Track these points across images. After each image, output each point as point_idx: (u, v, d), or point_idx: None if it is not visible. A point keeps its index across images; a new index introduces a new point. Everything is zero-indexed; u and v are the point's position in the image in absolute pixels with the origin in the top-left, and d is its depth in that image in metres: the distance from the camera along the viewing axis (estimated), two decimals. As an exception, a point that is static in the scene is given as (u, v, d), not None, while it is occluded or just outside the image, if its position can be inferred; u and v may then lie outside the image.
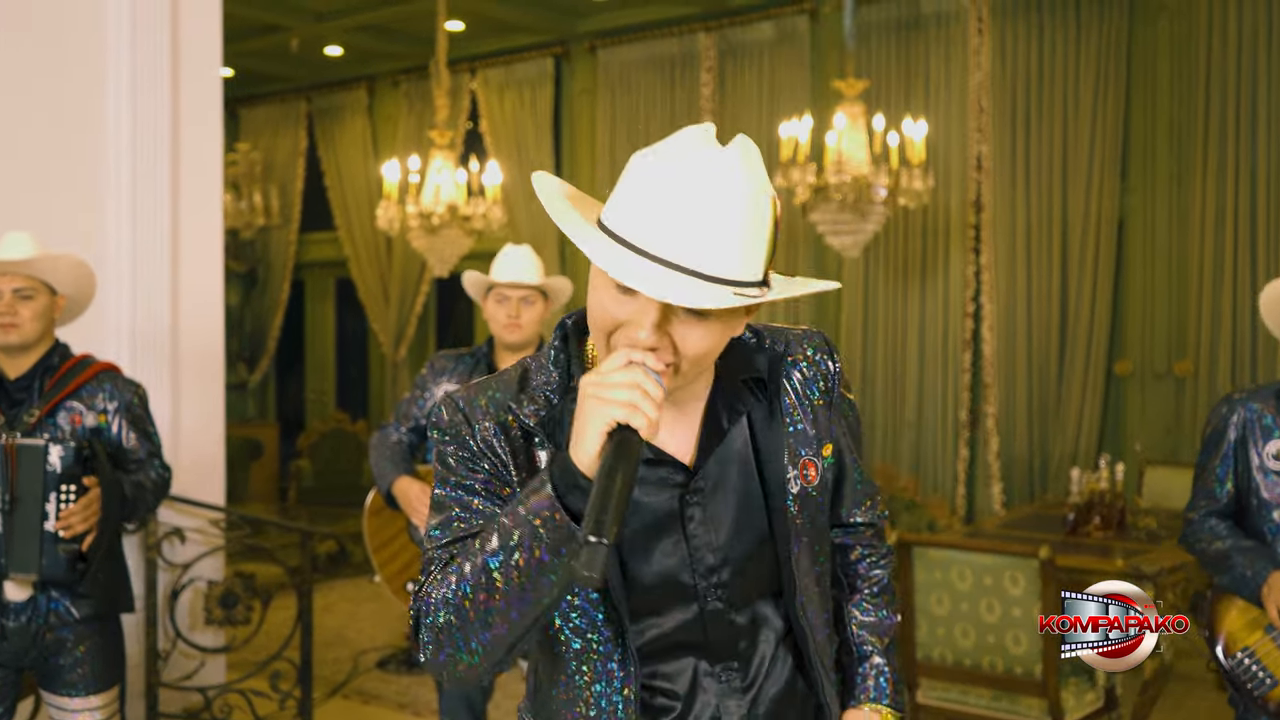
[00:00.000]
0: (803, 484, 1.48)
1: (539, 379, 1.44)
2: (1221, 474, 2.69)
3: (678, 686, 1.45)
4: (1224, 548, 2.62)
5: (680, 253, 1.28)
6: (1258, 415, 2.64)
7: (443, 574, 1.36)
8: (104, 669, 2.97)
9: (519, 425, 1.41)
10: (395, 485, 3.23)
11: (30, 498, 2.77)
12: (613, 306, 1.33)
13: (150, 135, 4.39)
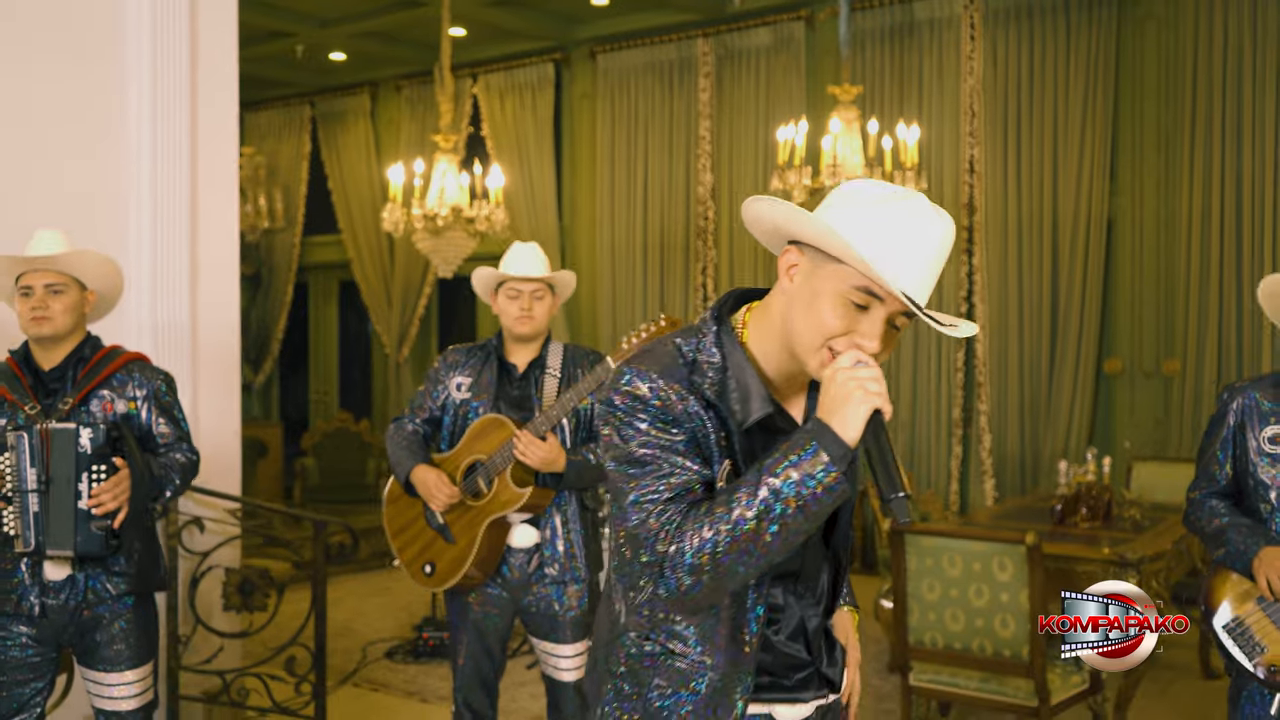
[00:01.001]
0: None
1: (703, 358, 1.72)
2: (1221, 457, 2.85)
3: (780, 602, 1.80)
4: (1222, 525, 2.78)
5: (919, 288, 1.64)
6: (1256, 402, 2.79)
7: (698, 523, 1.60)
8: (140, 645, 3.13)
9: (701, 397, 1.69)
10: (413, 473, 3.39)
11: (63, 478, 2.93)
12: (844, 320, 1.63)
13: (169, 140, 4.56)
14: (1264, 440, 2.73)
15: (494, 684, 3.53)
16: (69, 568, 3.02)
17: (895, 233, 1.61)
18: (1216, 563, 2.80)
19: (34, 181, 4.31)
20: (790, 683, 1.82)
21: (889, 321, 1.64)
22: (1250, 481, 2.78)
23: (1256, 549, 2.66)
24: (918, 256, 1.62)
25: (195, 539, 4.45)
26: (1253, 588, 2.70)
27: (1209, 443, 2.85)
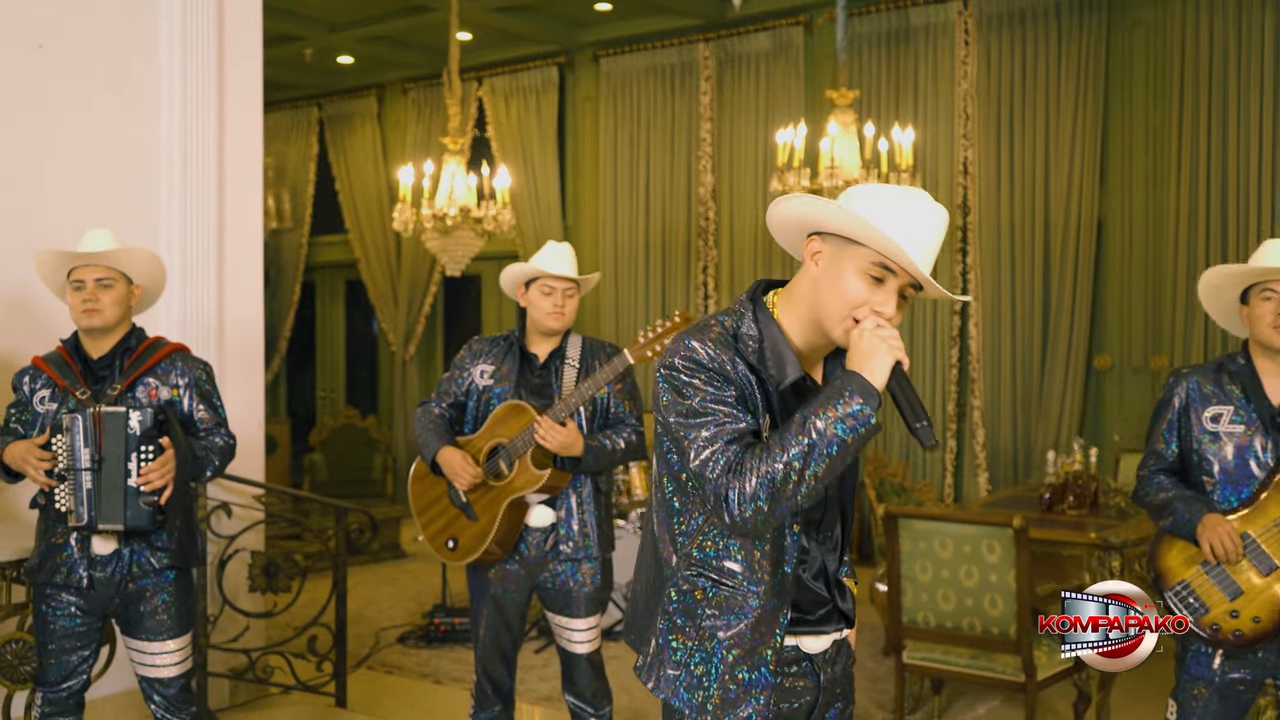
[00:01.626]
0: None
1: (745, 331, 2.04)
2: (1168, 437, 3.07)
3: (806, 545, 2.11)
4: (1168, 497, 3.00)
5: (925, 263, 1.99)
6: (1198, 386, 3.03)
7: (755, 460, 1.89)
8: (180, 616, 3.34)
9: (746, 362, 2.01)
10: (440, 454, 3.60)
11: (114, 457, 3.14)
12: (864, 291, 1.96)
13: (197, 144, 4.78)
14: (1206, 420, 2.96)
15: (512, 656, 3.75)
16: (115, 542, 3.23)
17: (903, 218, 1.95)
18: (1164, 531, 3.02)
19: (70, 183, 4.54)
20: (814, 617, 2.11)
21: (899, 292, 1.97)
22: (1195, 457, 3.00)
23: (1200, 516, 2.88)
24: (922, 237, 1.96)
25: (223, 523, 4.67)
26: (1197, 553, 2.92)
27: (1156, 424, 3.08)
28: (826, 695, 2.19)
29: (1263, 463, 2.89)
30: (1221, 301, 3.05)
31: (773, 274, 8.88)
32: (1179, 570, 2.94)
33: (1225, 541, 2.80)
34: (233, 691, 4.90)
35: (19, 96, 4.47)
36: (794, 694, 2.13)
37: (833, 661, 2.18)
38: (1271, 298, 2.87)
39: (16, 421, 3.34)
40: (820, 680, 2.15)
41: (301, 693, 4.92)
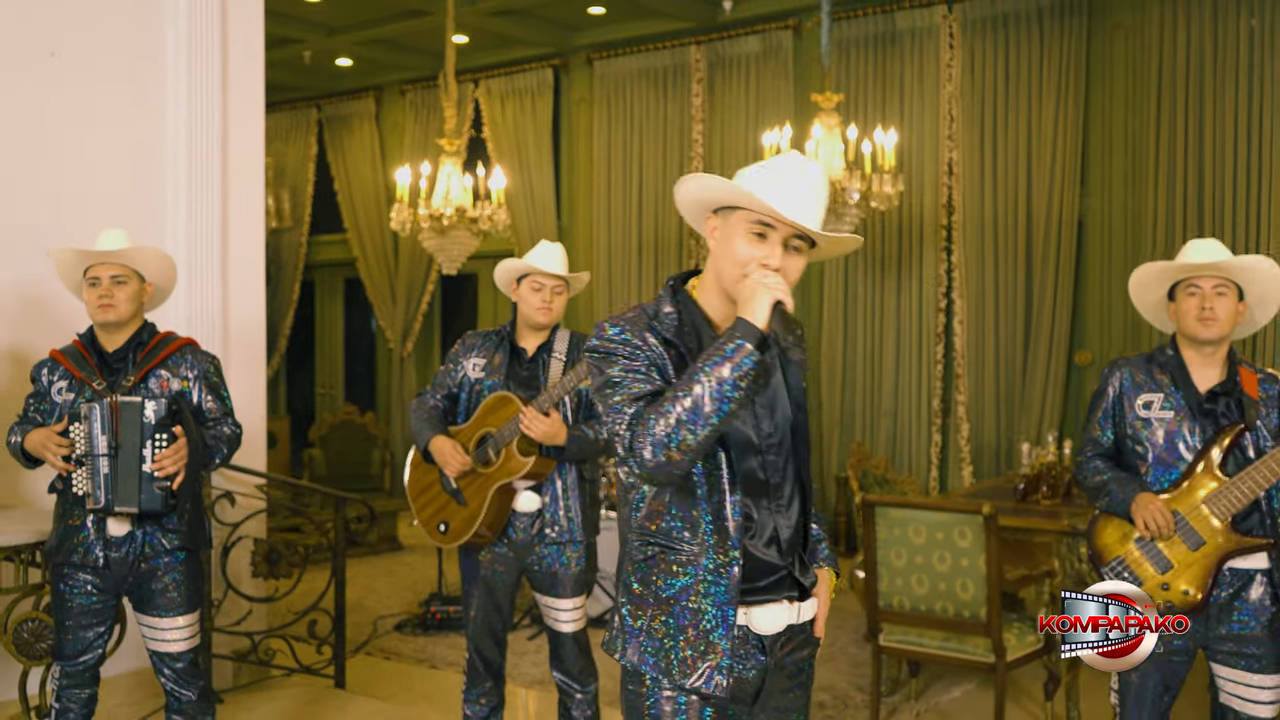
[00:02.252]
0: (802, 384, 2.35)
1: (664, 311, 2.24)
2: (1104, 424, 3.27)
3: (754, 513, 2.22)
4: (1104, 479, 3.19)
5: (804, 214, 2.14)
6: (1132, 376, 3.23)
7: (656, 410, 2.07)
8: (189, 594, 3.53)
9: (661, 337, 2.21)
10: (431, 443, 3.80)
11: (130, 445, 3.33)
12: (750, 249, 2.14)
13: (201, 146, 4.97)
14: (1139, 407, 3.16)
15: (502, 635, 3.94)
16: (129, 524, 3.43)
17: (773, 178, 2.14)
18: (1101, 511, 3.22)
19: (81, 185, 4.73)
20: (764, 584, 2.22)
21: (787, 245, 2.14)
22: (1129, 442, 3.20)
23: (1133, 496, 3.08)
24: (792, 191, 2.13)
25: (226, 511, 4.86)
26: (1131, 530, 3.12)
27: (1093, 412, 3.28)
28: (775, 679, 2.27)
29: (1191, 446, 3.08)
30: (1149, 299, 3.25)
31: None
32: (1115, 547, 3.14)
33: (1157, 518, 3.00)
34: (236, 673, 5.09)
35: (33, 102, 4.67)
36: (742, 669, 2.21)
37: (786, 645, 2.27)
38: (1196, 293, 3.07)
39: (35, 411, 3.54)
40: (767, 662, 2.24)
41: (302, 675, 5.11)
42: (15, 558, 3.82)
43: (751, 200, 2.12)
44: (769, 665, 2.24)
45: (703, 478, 2.20)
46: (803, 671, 2.34)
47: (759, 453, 2.24)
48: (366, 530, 8.01)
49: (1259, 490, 2.96)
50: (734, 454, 2.20)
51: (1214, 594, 3.00)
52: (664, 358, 2.19)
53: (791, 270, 2.16)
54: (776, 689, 2.29)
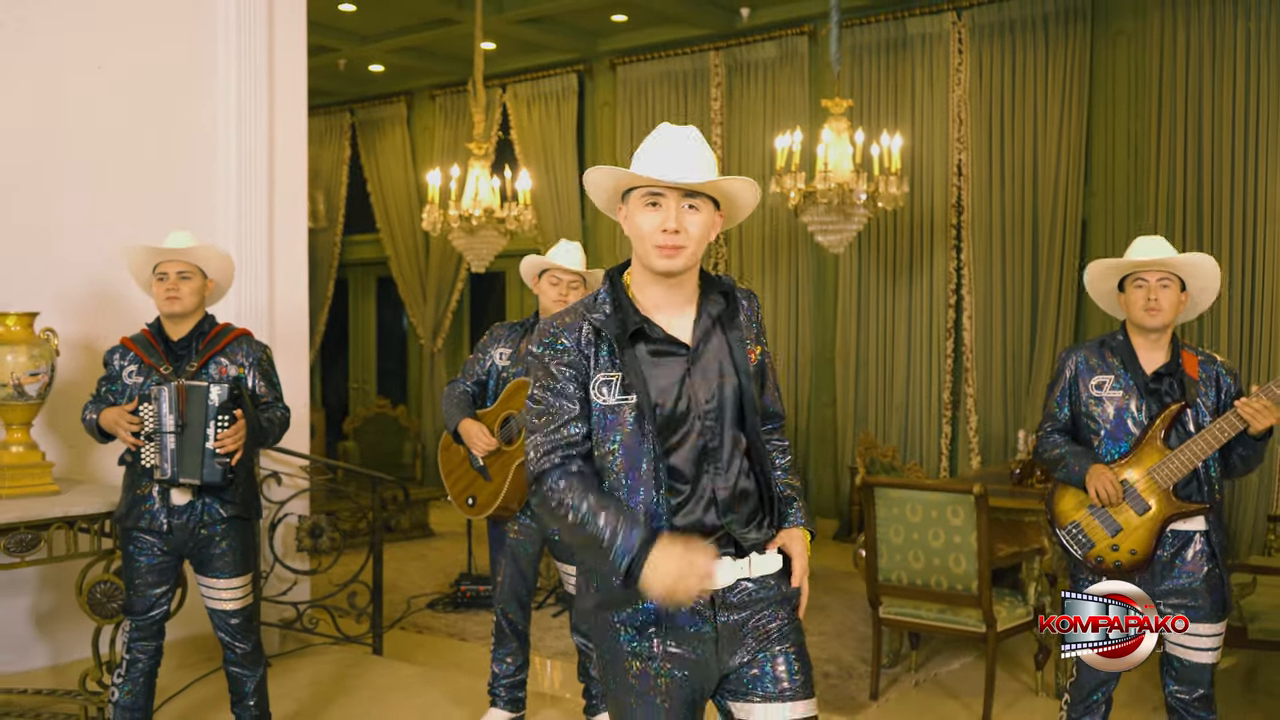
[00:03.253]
0: (750, 360, 2.45)
1: (599, 302, 2.40)
2: (1060, 402, 3.60)
3: (689, 473, 2.36)
4: (1061, 453, 3.52)
5: (677, 172, 2.28)
6: (1085, 359, 3.55)
7: (562, 489, 2.30)
8: (242, 558, 3.92)
9: (593, 327, 2.36)
10: (460, 425, 4.18)
11: (196, 424, 3.72)
12: (650, 219, 2.29)
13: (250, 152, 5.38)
14: (1092, 387, 3.49)
15: (526, 599, 4.31)
16: (190, 494, 3.82)
17: (648, 150, 2.33)
18: (1059, 482, 3.56)
19: (142, 191, 5.14)
20: None
21: (685, 207, 2.29)
22: (1084, 419, 3.53)
23: (1087, 467, 3.41)
24: (666, 155, 2.29)
25: (273, 490, 5.26)
26: (1085, 498, 3.45)
27: (1051, 392, 3.62)
28: (728, 643, 2.36)
29: (1138, 421, 3.41)
30: (1102, 290, 3.58)
31: (780, 272, 9.43)
32: (1070, 513, 3.48)
33: (1108, 487, 3.34)
34: (282, 640, 5.49)
35: (100, 112, 5.08)
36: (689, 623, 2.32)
37: (748, 604, 2.36)
38: (1143, 286, 3.40)
39: (107, 391, 3.93)
40: (715, 623, 2.34)
41: (342, 643, 5.50)
42: (90, 527, 4.21)
43: (632, 176, 2.29)
44: (720, 628, 2.34)
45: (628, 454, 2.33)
46: (778, 625, 2.40)
47: (691, 419, 2.36)
48: (400, 511, 8.41)
49: (1197, 460, 3.29)
50: (665, 428, 2.34)
51: (1157, 553, 3.34)
52: (586, 360, 2.35)
53: (691, 225, 2.29)
54: (751, 644, 2.37)
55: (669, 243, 2.28)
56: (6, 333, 4.20)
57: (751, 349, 2.46)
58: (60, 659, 4.80)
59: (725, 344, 2.42)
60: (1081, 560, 3.43)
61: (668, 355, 2.37)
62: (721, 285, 2.48)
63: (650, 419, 2.32)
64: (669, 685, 2.34)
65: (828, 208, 6.75)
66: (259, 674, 4.03)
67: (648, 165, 2.30)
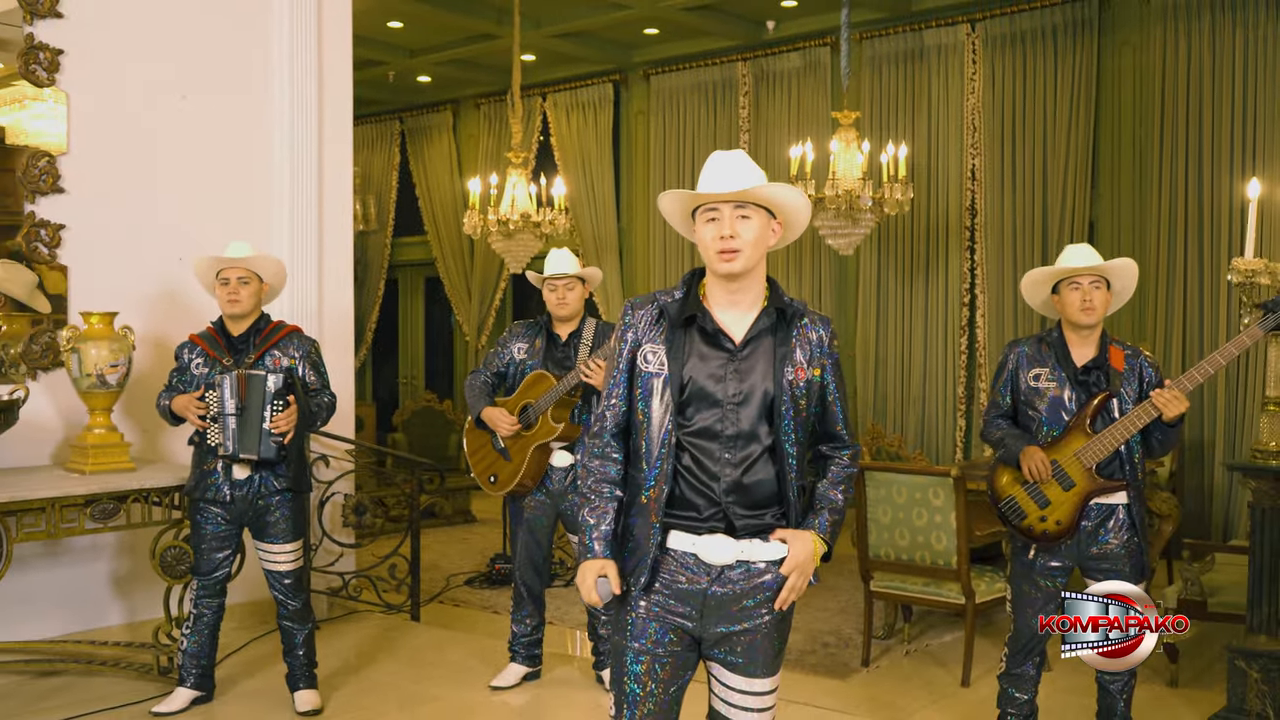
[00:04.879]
0: (794, 376, 2.68)
1: (677, 293, 2.74)
2: (1004, 391, 4.04)
3: (706, 458, 2.65)
4: (1001, 435, 3.96)
5: (724, 185, 2.63)
6: (1026, 352, 4.00)
7: (589, 458, 2.75)
8: (295, 525, 4.51)
9: (657, 306, 2.72)
10: (484, 412, 4.75)
11: (255, 407, 4.30)
12: (709, 230, 2.63)
13: (302, 166, 5.97)
14: (1030, 378, 3.94)
15: (544, 567, 4.86)
16: (250, 470, 4.41)
17: (703, 175, 2.67)
18: (998, 461, 4.02)
19: (203, 200, 5.75)
20: (702, 516, 2.64)
21: (738, 217, 2.60)
22: (1023, 406, 3.97)
23: (1021, 448, 3.87)
24: (714, 174, 2.64)
25: (322, 471, 5.85)
26: (1019, 475, 3.91)
27: (996, 382, 4.07)
28: (716, 609, 2.63)
29: (1069, 409, 3.86)
30: (1038, 295, 4.03)
31: (804, 272, 9.88)
32: (1007, 489, 3.94)
33: (1038, 465, 3.80)
34: (330, 607, 6.08)
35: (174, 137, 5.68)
36: (685, 586, 2.63)
37: (741, 583, 2.63)
38: (1077, 288, 3.85)
39: (178, 381, 4.54)
40: (706, 592, 2.63)
41: (385, 611, 6.08)
42: (162, 499, 4.82)
43: (688, 197, 2.66)
44: (712, 590, 2.63)
45: (655, 418, 2.66)
46: (759, 604, 2.65)
47: (719, 406, 2.63)
48: (442, 497, 8.98)
49: (1117, 443, 3.74)
50: (690, 405, 2.64)
51: (1082, 524, 3.79)
52: (655, 326, 2.70)
53: (745, 231, 2.59)
54: (727, 609, 2.64)
55: (725, 247, 2.59)
56: (91, 330, 4.81)
57: (801, 368, 2.69)
58: (135, 618, 5.42)
59: (772, 355, 2.67)
60: (1016, 529, 3.90)
61: (716, 347, 2.66)
62: (780, 303, 2.71)
63: (675, 392, 2.64)
64: (657, 631, 2.66)
65: (836, 213, 7.21)
66: (307, 629, 4.61)
67: (702, 184, 2.64)
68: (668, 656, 2.67)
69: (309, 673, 4.62)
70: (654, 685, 2.66)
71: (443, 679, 5.14)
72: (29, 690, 4.84)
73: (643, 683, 2.66)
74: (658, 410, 2.65)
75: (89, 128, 5.32)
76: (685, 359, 2.65)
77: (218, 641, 4.61)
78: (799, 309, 2.74)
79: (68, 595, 5.26)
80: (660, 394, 2.65)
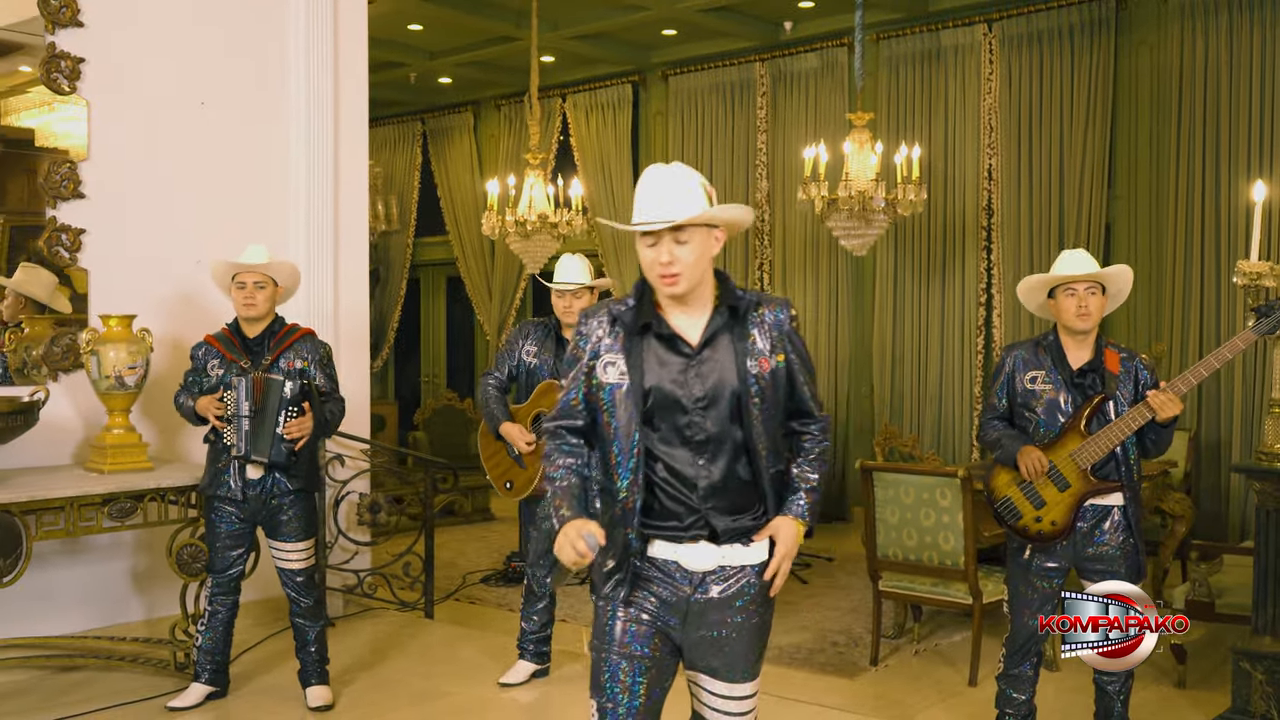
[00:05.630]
0: (758, 369, 2.66)
1: (629, 302, 2.69)
2: (1000, 394, 4.07)
3: (681, 465, 2.64)
4: (998, 436, 4.01)
5: (656, 213, 2.55)
6: (1022, 356, 4.03)
7: (551, 463, 2.73)
8: (306, 525, 4.60)
9: (610, 316, 2.69)
10: (502, 428, 4.85)
11: (270, 411, 4.39)
12: (647, 254, 2.59)
13: (318, 172, 6.06)
14: (1026, 381, 3.98)
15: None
16: (262, 470, 4.50)
17: (640, 193, 2.60)
18: (995, 462, 4.06)
19: (222, 205, 5.85)
20: (684, 525, 2.63)
21: (675, 241, 2.55)
22: (1020, 408, 4.00)
23: (1018, 448, 3.91)
24: (644, 200, 2.57)
25: (338, 471, 5.94)
26: (1017, 475, 3.94)
27: (993, 385, 4.10)
28: (698, 616, 2.63)
29: (1064, 411, 3.89)
30: (1034, 301, 4.06)
31: (821, 272, 9.92)
32: (1003, 489, 3.98)
33: (1033, 464, 3.84)
34: (345, 604, 6.18)
35: (191, 142, 5.79)
36: (665, 593, 2.62)
37: (723, 583, 2.63)
38: (1073, 294, 3.88)
39: (193, 382, 4.64)
40: (689, 600, 2.62)
41: (399, 609, 6.17)
42: (179, 498, 4.92)
43: (615, 225, 2.87)
44: (694, 597, 2.62)
45: (622, 428, 2.62)
46: (742, 609, 2.65)
47: (685, 412, 2.61)
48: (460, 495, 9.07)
49: (1112, 445, 3.78)
50: (656, 413, 2.62)
51: (1077, 525, 3.83)
52: (606, 334, 2.67)
53: (683, 255, 2.54)
54: (708, 615, 2.64)
55: (665, 272, 2.56)
56: (109, 332, 4.92)
57: (765, 358, 2.66)
58: (153, 614, 5.54)
59: (732, 351, 2.65)
60: (1012, 529, 3.94)
61: (674, 352, 2.65)
62: (733, 299, 2.69)
63: (638, 401, 2.61)
64: (638, 639, 2.66)
65: (849, 214, 7.24)
66: (319, 626, 4.70)
67: (637, 208, 2.58)
68: (649, 664, 2.67)
69: (321, 669, 4.71)
70: (635, 693, 2.66)
71: (453, 675, 5.22)
72: (50, 685, 4.96)
73: (624, 691, 2.67)
74: (624, 420, 2.63)
75: (109, 134, 5.44)
76: (645, 366, 2.63)
77: (232, 638, 4.71)
78: (752, 300, 2.71)
79: (89, 592, 5.39)
80: (624, 404, 2.63)
